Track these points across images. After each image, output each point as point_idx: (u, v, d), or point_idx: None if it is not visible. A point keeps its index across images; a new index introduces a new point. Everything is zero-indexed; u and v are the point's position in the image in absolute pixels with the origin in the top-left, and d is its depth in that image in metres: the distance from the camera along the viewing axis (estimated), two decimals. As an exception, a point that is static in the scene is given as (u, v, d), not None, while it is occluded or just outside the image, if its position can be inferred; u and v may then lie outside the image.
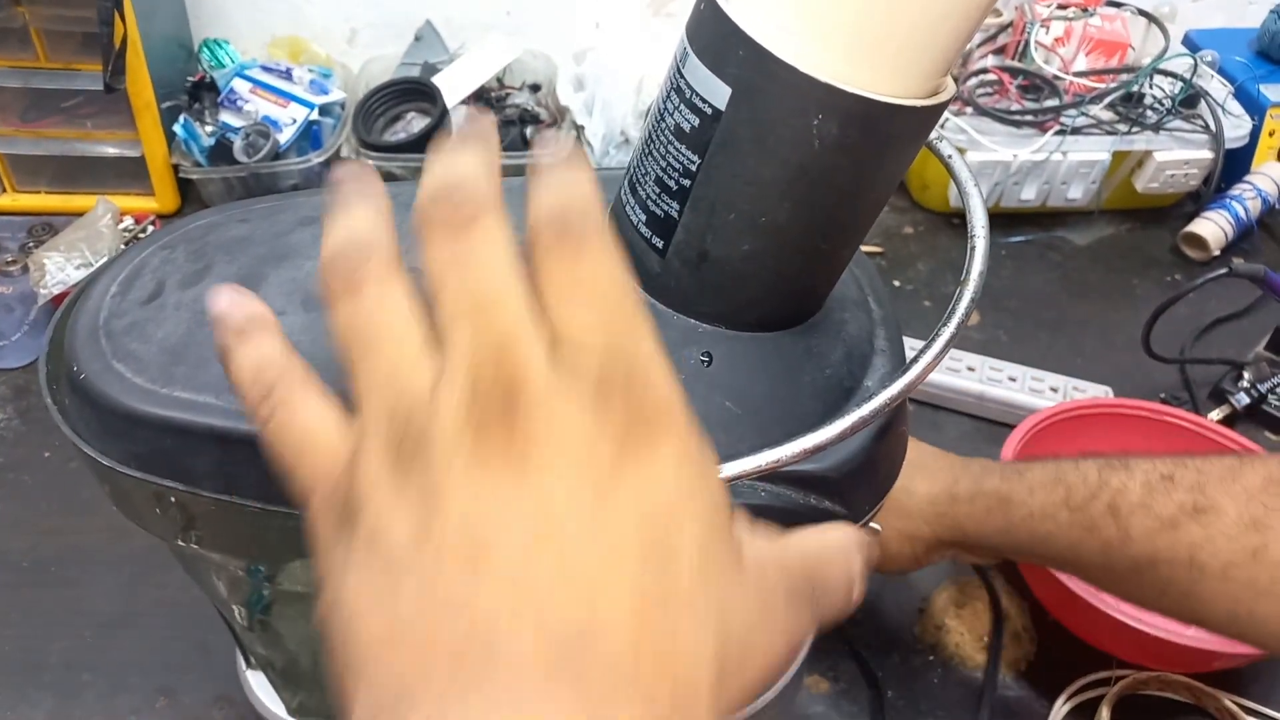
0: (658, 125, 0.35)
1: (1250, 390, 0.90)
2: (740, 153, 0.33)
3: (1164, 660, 0.68)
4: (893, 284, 1.04)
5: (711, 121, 0.33)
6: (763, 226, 0.34)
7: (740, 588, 0.24)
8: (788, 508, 0.37)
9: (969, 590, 0.75)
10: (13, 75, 0.97)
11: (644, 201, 0.37)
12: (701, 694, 0.22)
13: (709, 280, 0.36)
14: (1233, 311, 1.02)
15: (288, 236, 0.41)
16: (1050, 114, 1.07)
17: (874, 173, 0.34)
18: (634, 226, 0.37)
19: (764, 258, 0.35)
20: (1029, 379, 0.89)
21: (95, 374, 0.36)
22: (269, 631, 0.50)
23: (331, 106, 1.08)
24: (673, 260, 0.36)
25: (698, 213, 0.35)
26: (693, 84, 0.33)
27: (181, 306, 0.38)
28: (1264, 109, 1.12)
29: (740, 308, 0.37)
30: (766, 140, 0.32)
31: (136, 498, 0.39)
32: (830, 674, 0.70)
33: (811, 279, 0.38)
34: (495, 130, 0.27)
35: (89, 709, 0.65)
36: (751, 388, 0.37)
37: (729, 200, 0.34)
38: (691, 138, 0.34)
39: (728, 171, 0.34)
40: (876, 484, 0.40)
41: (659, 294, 0.38)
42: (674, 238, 0.36)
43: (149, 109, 0.99)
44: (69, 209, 1.02)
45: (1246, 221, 1.09)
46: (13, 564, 0.73)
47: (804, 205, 0.34)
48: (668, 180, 0.35)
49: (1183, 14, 1.23)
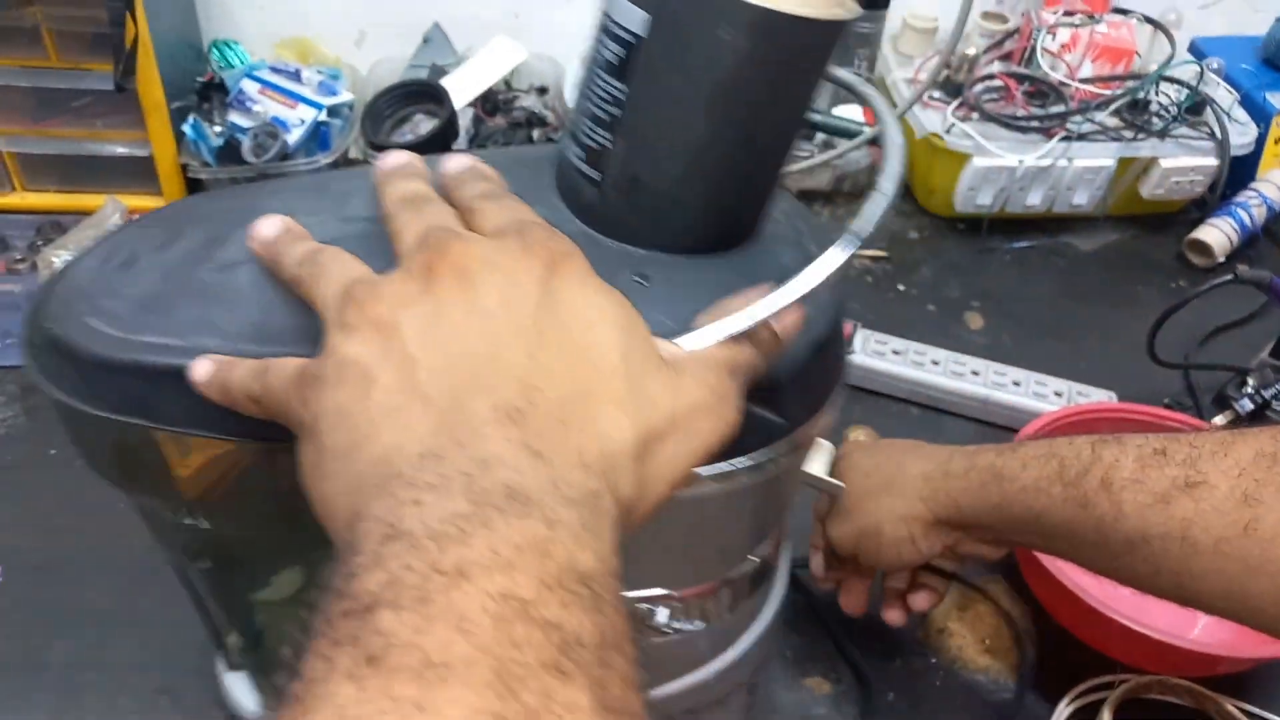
0: (590, 65, 0.38)
1: (1254, 396, 0.90)
2: (660, 74, 0.36)
3: (1166, 664, 0.68)
4: (897, 288, 1.04)
5: (633, 50, 0.36)
6: (688, 146, 0.37)
7: (661, 374, 0.31)
8: None
9: (971, 594, 0.75)
10: (23, 74, 0.98)
11: (580, 139, 0.39)
12: (624, 460, 0.29)
13: (642, 205, 0.39)
14: (1237, 318, 1.02)
15: (252, 205, 0.43)
16: (1056, 120, 1.08)
17: (785, 87, 0.37)
18: (573, 165, 0.40)
19: (691, 179, 0.38)
20: (1033, 383, 0.90)
21: (69, 329, 0.38)
22: (249, 622, 0.51)
23: (340, 108, 1.08)
24: (608, 189, 0.39)
25: (628, 139, 0.38)
26: (614, 16, 0.36)
27: (153, 267, 0.40)
28: (1269, 116, 1.12)
29: (673, 231, 0.40)
30: (683, 60, 0.35)
31: (109, 446, 0.41)
32: (831, 675, 0.70)
33: (739, 200, 0.41)
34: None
35: (90, 708, 0.65)
36: (687, 305, 0.39)
37: (655, 123, 0.37)
38: (618, 68, 0.37)
39: (651, 95, 0.36)
40: (812, 395, 0.42)
41: (597, 224, 0.41)
42: (608, 167, 0.39)
43: (158, 109, 0.99)
44: (78, 208, 1.02)
45: (1251, 228, 1.10)
46: (16, 563, 0.73)
47: (724, 122, 0.37)
48: (599, 113, 0.38)
49: (1189, 21, 1.23)
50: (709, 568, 0.47)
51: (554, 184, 0.42)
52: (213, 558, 0.47)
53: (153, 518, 0.47)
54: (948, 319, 1.01)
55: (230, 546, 0.46)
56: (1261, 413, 0.90)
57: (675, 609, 0.47)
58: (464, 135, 1.07)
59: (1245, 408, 0.90)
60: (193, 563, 0.48)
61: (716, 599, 0.48)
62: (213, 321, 0.38)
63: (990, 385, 0.89)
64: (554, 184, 0.42)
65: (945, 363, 0.91)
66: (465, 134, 1.07)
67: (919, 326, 0.98)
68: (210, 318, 0.38)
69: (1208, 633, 0.73)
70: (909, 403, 0.91)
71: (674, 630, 0.48)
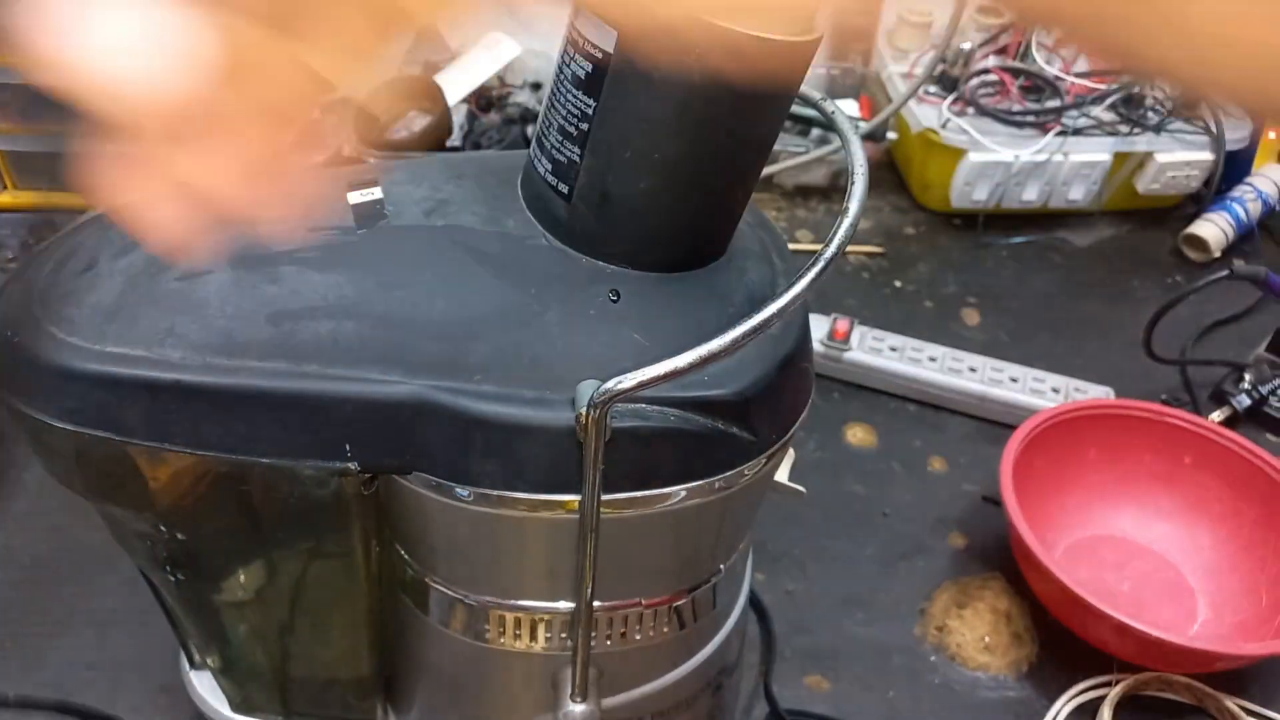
0: (558, 78, 0.38)
1: (1251, 392, 0.90)
2: (629, 91, 0.35)
3: (1165, 661, 0.68)
4: (893, 284, 1.04)
5: (602, 65, 0.35)
6: (656, 163, 0.37)
7: None
8: (694, 431, 0.39)
9: (970, 591, 0.75)
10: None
11: (549, 152, 0.39)
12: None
13: (612, 220, 0.39)
14: (1233, 313, 1.02)
15: None
16: (1052, 115, 1.08)
17: (754, 108, 0.36)
18: (542, 178, 0.40)
19: (661, 195, 0.38)
20: (1030, 380, 0.89)
21: (28, 337, 0.38)
22: (214, 626, 0.51)
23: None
24: (578, 204, 0.39)
25: (597, 155, 0.37)
26: (584, 33, 0.36)
27: (115, 273, 0.39)
28: (1265, 111, 1.12)
29: (643, 247, 0.40)
30: (651, 78, 0.35)
31: (66, 455, 0.40)
32: (831, 674, 0.70)
33: (709, 218, 0.40)
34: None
35: (90, 708, 0.65)
36: (658, 322, 0.39)
37: (623, 139, 0.37)
38: (587, 83, 0.36)
39: (620, 112, 0.36)
40: (781, 413, 0.42)
41: (567, 239, 0.40)
42: (577, 181, 0.38)
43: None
44: (70, 206, 1.02)
45: (1247, 223, 1.10)
46: (15, 562, 0.73)
47: (693, 140, 0.36)
48: (568, 127, 0.38)
49: (1184, 15, 1.23)
50: (677, 578, 0.47)
51: (522, 197, 0.42)
52: (174, 562, 0.47)
53: (115, 524, 0.46)
54: (944, 315, 1.01)
55: (193, 551, 0.46)
56: (1258, 408, 0.90)
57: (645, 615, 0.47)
58: (458, 131, 1.07)
59: (1242, 403, 0.90)
60: (160, 570, 0.48)
61: (685, 607, 0.48)
62: (179, 332, 0.38)
63: (987, 381, 0.89)
64: (522, 197, 0.42)
65: (942, 359, 0.91)
66: (459, 130, 1.07)
67: (915, 323, 0.98)
68: (176, 328, 0.38)
69: (1206, 630, 0.73)
70: (906, 399, 0.91)
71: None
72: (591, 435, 0.36)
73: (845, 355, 0.91)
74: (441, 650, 0.50)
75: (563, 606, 0.45)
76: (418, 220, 0.42)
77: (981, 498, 0.83)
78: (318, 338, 0.38)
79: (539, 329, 0.39)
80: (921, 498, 0.83)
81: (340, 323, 0.38)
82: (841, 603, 0.74)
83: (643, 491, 0.40)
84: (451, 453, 0.39)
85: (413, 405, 0.38)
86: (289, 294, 0.39)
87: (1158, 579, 0.77)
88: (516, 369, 0.38)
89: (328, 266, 0.40)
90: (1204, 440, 0.77)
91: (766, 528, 0.79)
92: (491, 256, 0.40)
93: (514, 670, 0.49)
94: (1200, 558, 0.77)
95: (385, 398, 0.38)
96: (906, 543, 0.79)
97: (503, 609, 0.46)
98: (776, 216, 1.13)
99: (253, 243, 0.41)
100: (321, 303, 0.39)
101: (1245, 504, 0.76)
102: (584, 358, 0.38)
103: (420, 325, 0.39)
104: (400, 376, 0.38)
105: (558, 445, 0.38)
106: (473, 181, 0.44)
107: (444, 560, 0.45)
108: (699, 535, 0.46)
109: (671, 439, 0.39)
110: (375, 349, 0.38)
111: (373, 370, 0.38)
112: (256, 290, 0.39)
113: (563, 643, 0.47)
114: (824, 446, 0.87)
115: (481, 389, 0.38)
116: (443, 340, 0.38)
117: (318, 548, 0.45)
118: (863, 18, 1.17)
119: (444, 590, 0.46)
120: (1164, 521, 0.79)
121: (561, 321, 0.39)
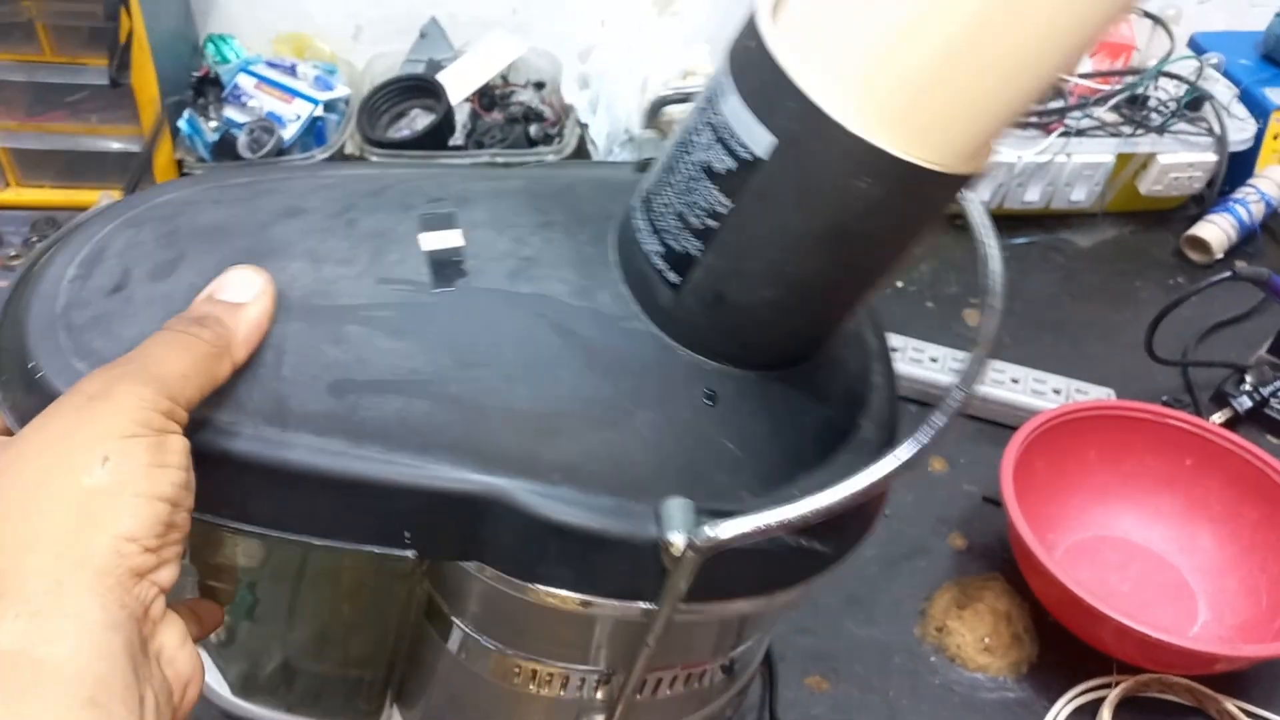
0: (684, 157, 0.34)
1: (1252, 394, 0.90)
2: (778, 205, 0.32)
3: (1165, 663, 0.68)
4: (895, 284, 1.04)
5: (749, 168, 0.32)
6: (789, 277, 0.34)
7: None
8: (778, 551, 0.37)
9: (970, 592, 0.75)
10: (18, 69, 0.97)
11: (662, 234, 0.36)
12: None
13: (723, 322, 0.36)
14: (1235, 315, 1.02)
15: (270, 229, 0.38)
16: (1055, 116, 1.07)
17: (910, 233, 0.34)
18: (646, 256, 0.37)
19: (785, 308, 0.35)
20: (1031, 381, 0.89)
21: (55, 372, 0.33)
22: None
23: (336, 103, 1.08)
24: (687, 297, 0.36)
25: (721, 256, 0.34)
26: (732, 125, 0.32)
27: (153, 302, 0.35)
28: (1268, 112, 1.12)
29: (752, 351, 0.37)
30: (808, 196, 0.32)
31: None
32: (831, 674, 0.70)
33: (829, 328, 0.38)
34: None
35: None
36: (754, 428, 0.37)
37: (758, 249, 0.33)
38: (725, 180, 0.33)
39: (761, 221, 0.33)
40: (859, 523, 0.40)
41: (666, 326, 0.37)
42: (691, 275, 0.35)
43: (153, 104, 0.99)
44: (73, 203, 1.02)
45: (1250, 225, 1.09)
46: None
47: (836, 261, 0.34)
48: (691, 218, 0.34)
49: (1188, 16, 1.23)
50: (721, 651, 0.46)
51: (618, 264, 0.38)
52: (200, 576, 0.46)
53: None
54: (946, 316, 1.01)
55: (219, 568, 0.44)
56: (1260, 410, 0.90)
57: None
58: (460, 130, 1.07)
59: (1243, 405, 0.90)
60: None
61: (720, 667, 0.47)
62: (228, 390, 0.33)
63: (988, 382, 0.89)
64: (618, 264, 0.38)
65: (944, 360, 0.91)
66: (462, 129, 1.07)
67: (917, 323, 0.98)
68: (225, 385, 0.33)
69: (1206, 631, 0.73)
70: (907, 400, 0.91)
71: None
72: (683, 572, 0.34)
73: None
74: (461, 680, 0.47)
75: (600, 669, 0.43)
76: (501, 284, 0.37)
77: (982, 498, 0.83)
78: (384, 416, 0.34)
79: (628, 429, 0.36)
80: (922, 498, 0.83)
81: (410, 401, 0.34)
82: (842, 603, 0.74)
83: (714, 603, 0.38)
84: (520, 553, 0.36)
85: (484, 501, 0.34)
86: (355, 361, 0.35)
87: (1158, 580, 0.77)
88: (600, 472, 0.35)
89: (400, 332, 0.36)
90: (1205, 442, 0.77)
91: (767, 527, 0.79)
92: (583, 340, 0.37)
93: (536, 711, 0.46)
94: (1201, 559, 0.77)
95: (454, 491, 0.34)
96: (907, 543, 0.79)
97: (535, 664, 0.43)
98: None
99: (315, 289, 0.36)
100: (391, 375, 0.35)
101: (1246, 505, 0.76)
102: (673, 465, 0.35)
103: (499, 413, 0.35)
104: (473, 469, 0.34)
105: (638, 559, 0.35)
106: (562, 234, 0.40)
107: (482, 618, 0.43)
108: (751, 624, 0.45)
109: (753, 557, 0.36)
110: (447, 435, 0.34)
111: (442, 459, 0.34)
112: (319, 352, 0.35)
113: (593, 694, 0.44)
114: (825, 446, 0.86)
115: (560, 492, 0.34)
116: (522, 433, 0.35)
117: (354, 588, 0.44)
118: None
119: (472, 634, 0.43)
120: (1164, 523, 0.79)
121: (653, 423, 0.36)
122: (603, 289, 0.38)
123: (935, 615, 0.74)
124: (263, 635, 0.50)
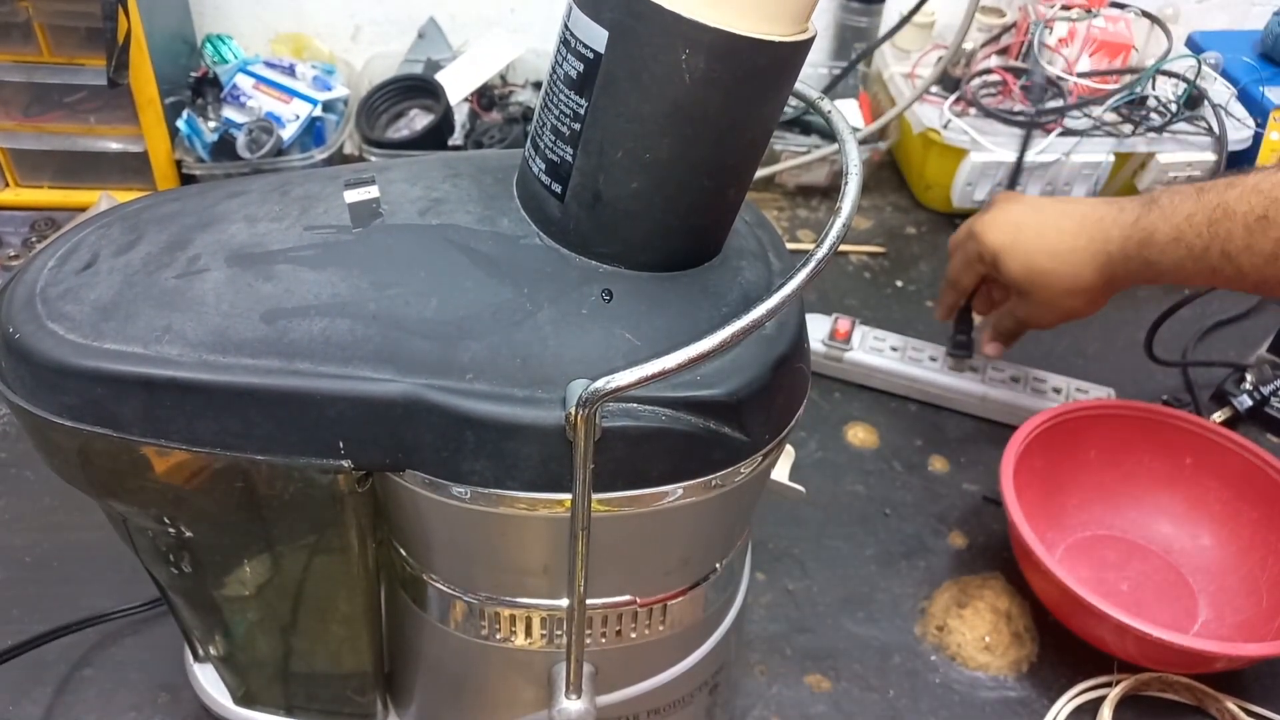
0: (551, 78, 0.38)
1: (1252, 393, 0.90)
2: (620, 92, 0.36)
3: (1166, 662, 0.68)
4: (895, 284, 1.04)
5: (593, 65, 0.36)
6: (648, 164, 0.37)
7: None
8: (685, 431, 0.39)
9: (970, 591, 0.75)
10: (16, 70, 0.97)
11: (543, 151, 0.39)
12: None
13: (604, 220, 0.39)
14: (1235, 314, 1.02)
15: (214, 207, 0.44)
16: (1054, 115, 1.07)
17: (745, 108, 0.36)
18: (535, 177, 0.40)
19: (653, 196, 0.38)
20: (1032, 380, 0.89)
21: (29, 334, 0.38)
22: (216, 619, 0.51)
23: (335, 103, 1.08)
24: (571, 204, 0.39)
25: (589, 154, 0.37)
26: (576, 32, 0.36)
27: (114, 271, 0.40)
28: (1267, 111, 1.12)
29: (636, 247, 0.40)
30: (642, 77, 0.35)
31: (68, 451, 0.41)
32: (830, 673, 0.70)
33: (701, 218, 0.40)
34: None
35: (89, 705, 0.65)
36: (650, 322, 0.39)
37: (615, 139, 0.37)
38: (578, 83, 0.37)
39: (611, 111, 0.36)
40: (775, 413, 0.42)
41: (561, 238, 0.40)
42: (570, 181, 0.39)
43: (152, 104, 0.99)
44: (72, 204, 1.02)
45: (1249, 224, 1.09)
46: (15, 560, 0.73)
47: (684, 141, 0.36)
48: (561, 127, 0.38)
49: (1186, 16, 1.23)
50: (674, 577, 0.47)
51: (517, 196, 0.42)
52: (178, 557, 0.47)
53: (119, 519, 0.46)
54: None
55: (196, 546, 0.46)
56: (1260, 409, 0.90)
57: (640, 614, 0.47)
58: (459, 130, 1.07)
59: (1244, 404, 0.90)
60: (163, 565, 0.48)
61: (680, 605, 0.48)
62: (175, 329, 0.38)
63: (989, 382, 0.89)
64: (517, 196, 0.42)
65: (943, 359, 0.91)
66: (460, 129, 1.07)
67: (917, 322, 0.98)
68: (173, 325, 0.38)
69: (1206, 630, 0.73)
70: (907, 399, 0.91)
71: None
72: (581, 434, 0.36)
73: (846, 355, 0.91)
74: (440, 646, 0.50)
75: (559, 604, 0.46)
76: (412, 219, 0.42)
77: (982, 498, 0.83)
78: (310, 336, 0.38)
79: (531, 328, 0.39)
80: (922, 498, 0.83)
81: (333, 321, 0.39)
82: (842, 602, 0.74)
83: (635, 490, 0.40)
84: (444, 451, 0.39)
85: (404, 403, 0.38)
86: (283, 292, 0.39)
87: (1158, 579, 0.77)
88: (508, 368, 0.38)
89: (322, 265, 0.40)
90: (1205, 441, 0.77)
91: (766, 527, 0.79)
92: (485, 255, 0.40)
93: (511, 667, 0.49)
94: (1201, 558, 0.77)
95: (377, 396, 0.38)
96: (907, 542, 0.79)
97: (499, 606, 0.46)
98: (778, 216, 1.13)
99: (250, 241, 0.41)
100: (315, 301, 0.39)
101: (1246, 504, 0.76)
102: (575, 357, 0.38)
103: (413, 324, 0.39)
104: (392, 375, 0.38)
105: (549, 444, 0.38)
106: (469, 180, 0.44)
107: (441, 558, 0.46)
108: (693, 534, 0.46)
109: (662, 438, 0.39)
110: (367, 347, 0.38)
111: (365, 368, 0.38)
112: (252, 288, 0.39)
113: (559, 640, 0.47)
114: (825, 446, 0.86)
115: (473, 388, 0.38)
116: (435, 339, 0.39)
117: (317, 543, 0.45)
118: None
119: (441, 587, 0.46)
120: (1165, 522, 0.79)
121: (554, 321, 0.39)
122: (504, 216, 0.42)
123: (935, 614, 0.74)
124: (257, 648, 0.53)
